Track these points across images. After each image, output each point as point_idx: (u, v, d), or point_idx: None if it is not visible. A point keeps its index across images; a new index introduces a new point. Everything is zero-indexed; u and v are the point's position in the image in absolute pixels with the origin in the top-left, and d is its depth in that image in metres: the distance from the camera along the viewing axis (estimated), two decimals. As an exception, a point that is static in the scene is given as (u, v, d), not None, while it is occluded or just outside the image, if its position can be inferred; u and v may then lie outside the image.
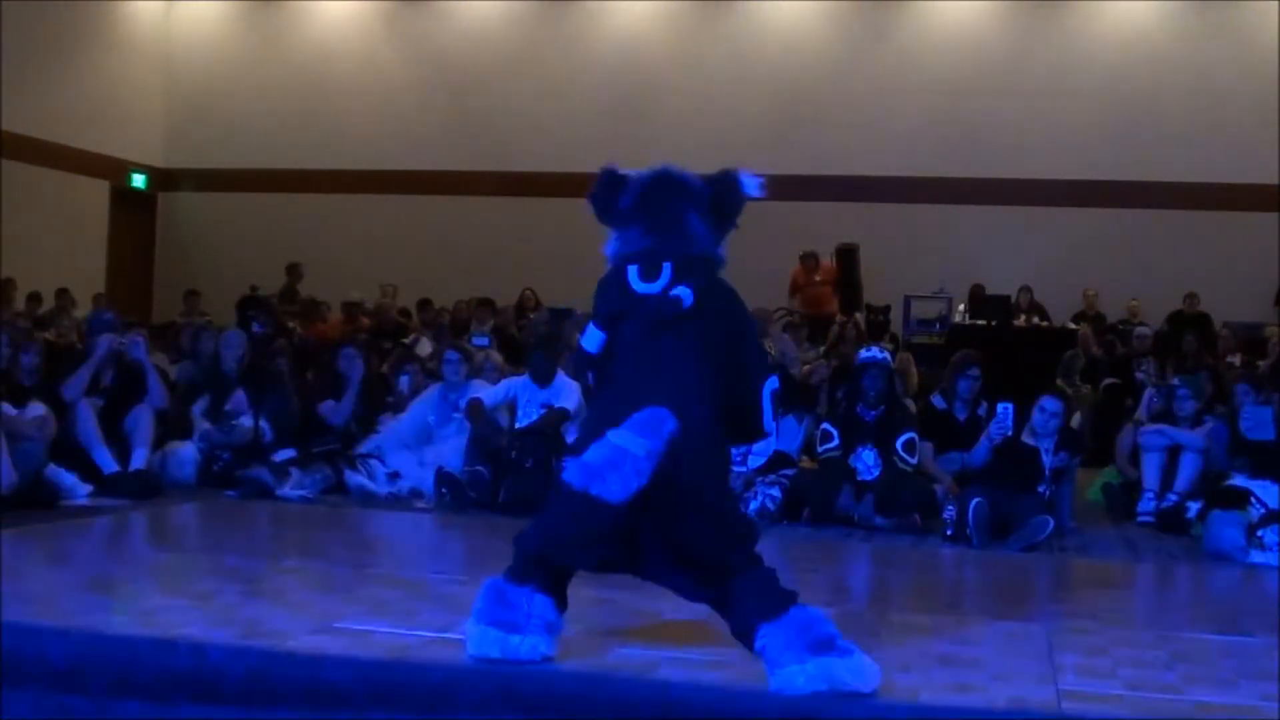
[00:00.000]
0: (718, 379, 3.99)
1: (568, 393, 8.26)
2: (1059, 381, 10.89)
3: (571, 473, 3.71)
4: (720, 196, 4.14)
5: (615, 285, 4.09)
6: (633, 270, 4.04)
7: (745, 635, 3.75)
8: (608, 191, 4.19)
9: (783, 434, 8.01)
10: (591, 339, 4.10)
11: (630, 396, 3.86)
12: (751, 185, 4.14)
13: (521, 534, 4.04)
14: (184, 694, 1.28)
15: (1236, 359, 12.66)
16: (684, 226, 4.07)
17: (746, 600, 3.77)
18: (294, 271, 16.60)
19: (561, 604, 4.00)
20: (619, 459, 3.65)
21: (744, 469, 7.90)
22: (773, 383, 4.07)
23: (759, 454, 7.93)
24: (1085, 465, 8.71)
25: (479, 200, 17.86)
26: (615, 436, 3.70)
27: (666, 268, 4.00)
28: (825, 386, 9.77)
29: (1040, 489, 7.39)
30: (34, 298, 14.85)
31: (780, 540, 7.13)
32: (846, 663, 3.65)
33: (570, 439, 8.11)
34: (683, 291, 3.96)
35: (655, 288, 4.00)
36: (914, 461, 7.72)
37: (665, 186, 4.13)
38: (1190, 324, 14.40)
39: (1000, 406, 7.65)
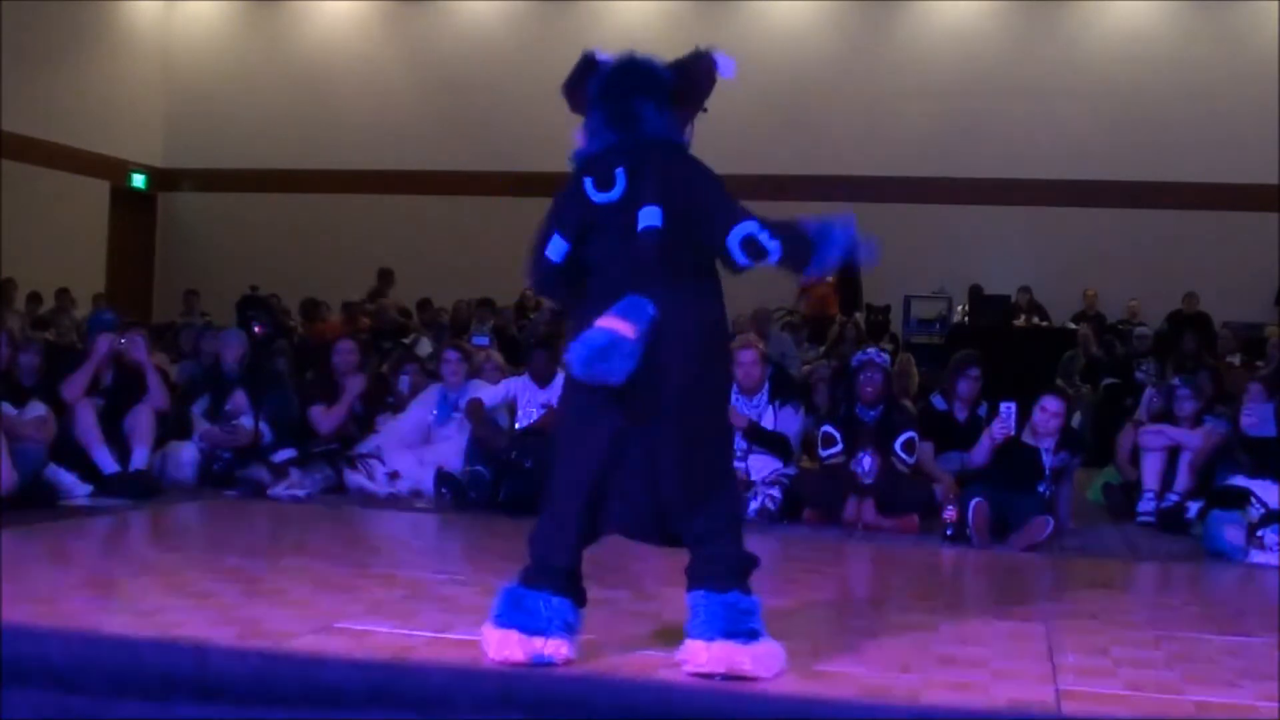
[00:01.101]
0: (695, 256, 3.96)
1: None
2: (1059, 381, 10.90)
3: (572, 359, 3.75)
4: (688, 79, 4.09)
5: (574, 196, 4.04)
6: (588, 181, 4.00)
7: (688, 580, 3.93)
8: (580, 77, 4.15)
9: (782, 422, 8.01)
10: (556, 248, 4.02)
11: (612, 299, 3.85)
12: (726, 66, 4.08)
13: (531, 535, 4.05)
14: (184, 694, 1.28)
15: (1236, 359, 12.66)
16: (639, 116, 4.01)
17: (700, 559, 3.90)
18: (385, 277, 16.20)
19: (579, 601, 4.00)
20: (611, 338, 3.69)
21: (743, 468, 7.90)
22: (745, 227, 3.90)
23: (762, 469, 7.92)
24: (1085, 465, 8.71)
25: (479, 200, 17.87)
26: (602, 321, 3.74)
27: (619, 175, 3.95)
28: (825, 387, 9.76)
29: (1040, 489, 7.39)
30: (34, 298, 14.85)
31: (780, 540, 7.13)
32: (750, 649, 3.78)
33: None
34: (651, 214, 3.88)
35: (613, 196, 3.95)
36: (912, 461, 7.72)
37: (625, 73, 4.07)
38: (1190, 324, 14.40)
39: (1003, 406, 7.65)
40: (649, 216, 3.88)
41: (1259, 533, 6.78)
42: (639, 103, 4.02)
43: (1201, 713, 3.84)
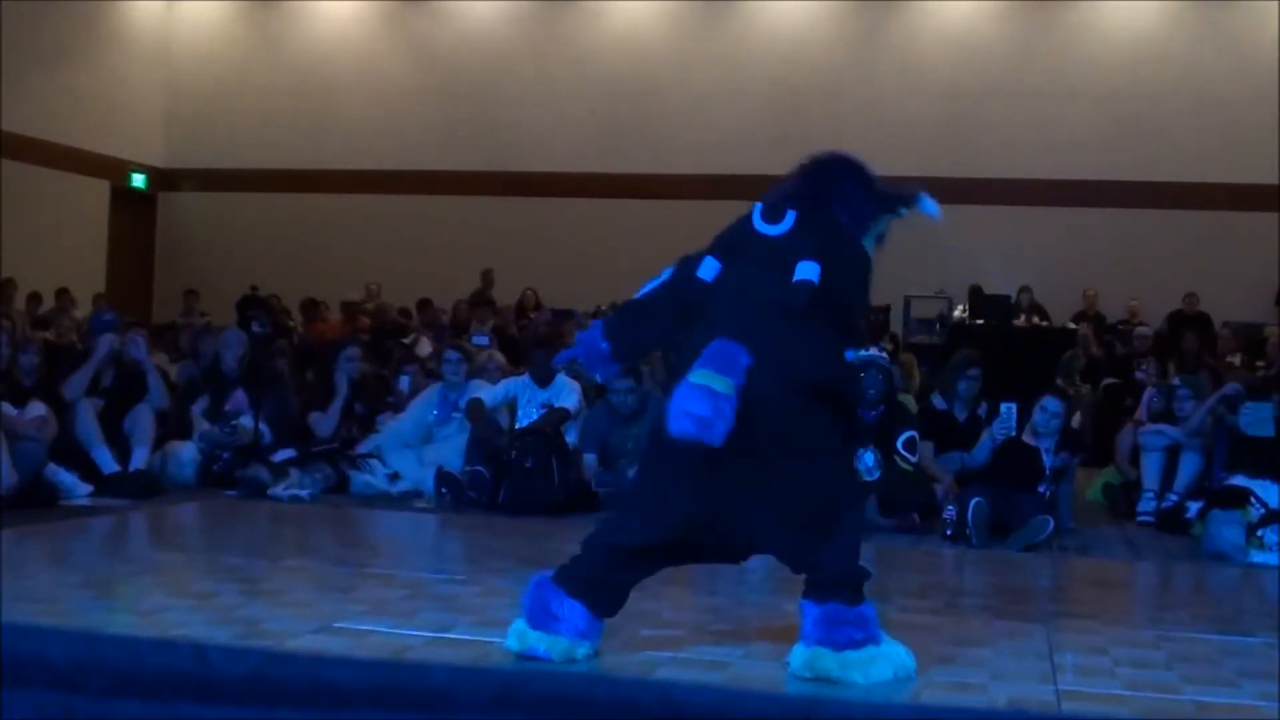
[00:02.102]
0: (822, 332, 3.88)
1: (568, 393, 8.27)
2: (1059, 381, 10.89)
3: (674, 422, 3.61)
4: (888, 193, 4.17)
5: (740, 221, 4.09)
6: (757, 208, 4.04)
7: (805, 594, 3.93)
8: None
9: None
10: (709, 267, 3.98)
11: (717, 330, 3.79)
12: (929, 205, 4.18)
13: (588, 537, 4.06)
14: (184, 694, 1.27)
15: (1237, 359, 12.66)
16: (833, 192, 4.06)
17: (815, 571, 3.91)
18: (487, 277, 16.11)
19: (602, 613, 4.00)
20: (714, 404, 3.57)
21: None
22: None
23: None
24: (1085, 465, 8.71)
25: (479, 200, 17.87)
26: (694, 376, 3.63)
27: (790, 214, 3.98)
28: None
29: (1040, 489, 7.39)
30: (34, 298, 14.85)
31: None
32: (839, 657, 3.81)
33: (570, 439, 8.15)
34: (808, 269, 3.84)
35: (777, 230, 3.96)
36: (914, 460, 7.72)
37: (840, 163, 4.16)
38: (1190, 324, 14.40)
39: (1004, 406, 7.65)
40: (807, 270, 3.84)
41: (1259, 533, 6.78)
42: (841, 180, 4.09)
43: (1201, 713, 3.84)
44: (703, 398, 3.55)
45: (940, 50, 17.18)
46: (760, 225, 4.00)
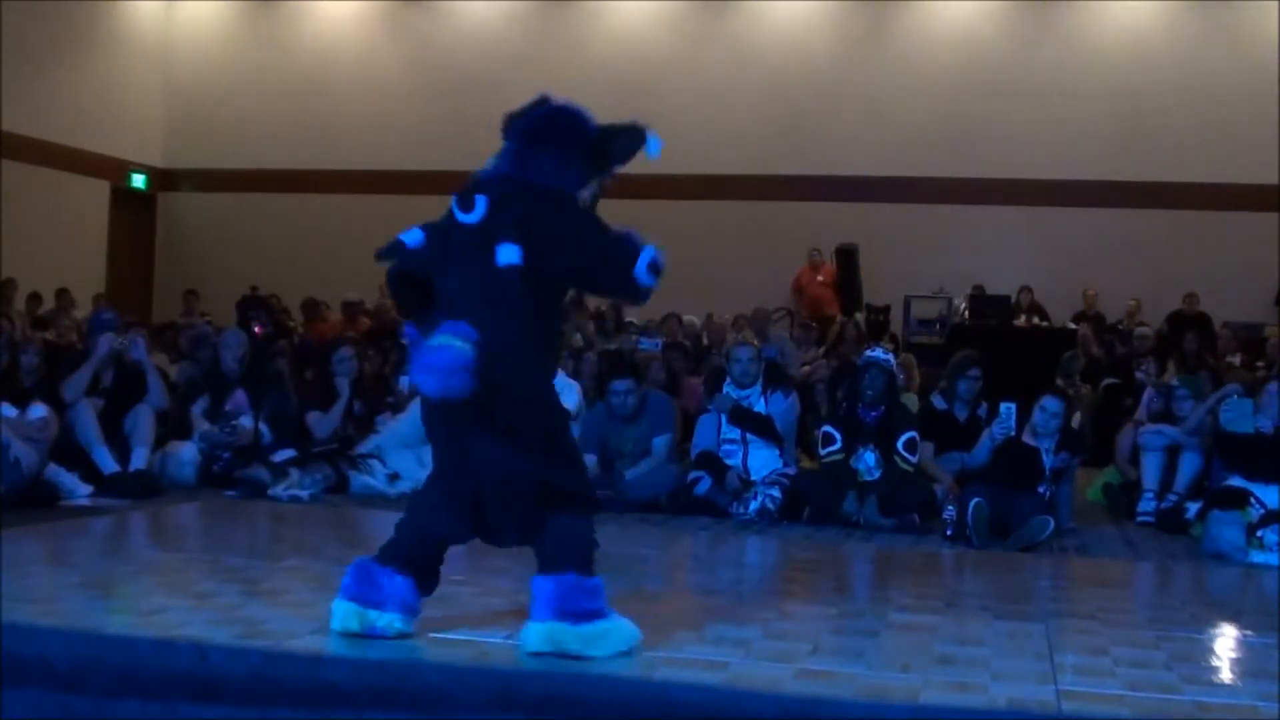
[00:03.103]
0: (547, 295, 4.10)
1: (567, 393, 8.26)
2: (1059, 381, 10.89)
3: (418, 377, 3.93)
4: (609, 146, 4.19)
5: (447, 209, 4.21)
6: (455, 198, 4.16)
7: (538, 571, 4.05)
8: (526, 110, 4.28)
9: (772, 406, 8.01)
10: (412, 234, 4.19)
11: (451, 311, 4.00)
12: (654, 146, 4.16)
13: (401, 521, 4.30)
14: (184, 694, 1.28)
15: (1237, 359, 12.66)
16: (535, 164, 4.13)
17: (543, 547, 4.04)
18: None
19: (423, 588, 4.21)
20: (447, 353, 3.84)
21: (741, 467, 7.90)
22: (648, 253, 4.04)
23: (761, 469, 7.92)
24: (1085, 465, 8.71)
25: (479, 200, 17.85)
26: (432, 340, 3.89)
27: (480, 201, 4.09)
28: (825, 387, 9.76)
29: (1040, 489, 7.39)
30: (34, 298, 14.85)
31: (780, 540, 7.13)
32: (577, 630, 3.93)
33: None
34: (509, 251, 3.99)
35: (472, 218, 4.08)
36: (915, 461, 7.72)
37: (550, 120, 4.21)
38: (1190, 324, 14.40)
39: (1003, 406, 7.65)
40: (508, 254, 4.00)
41: (1259, 533, 6.78)
42: (541, 152, 4.15)
43: (1201, 713, 3.84)
44: (441, 351, 3.83)
45: (940, 50, 17.18)
46: (459, 214, 4.13)
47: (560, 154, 4.15)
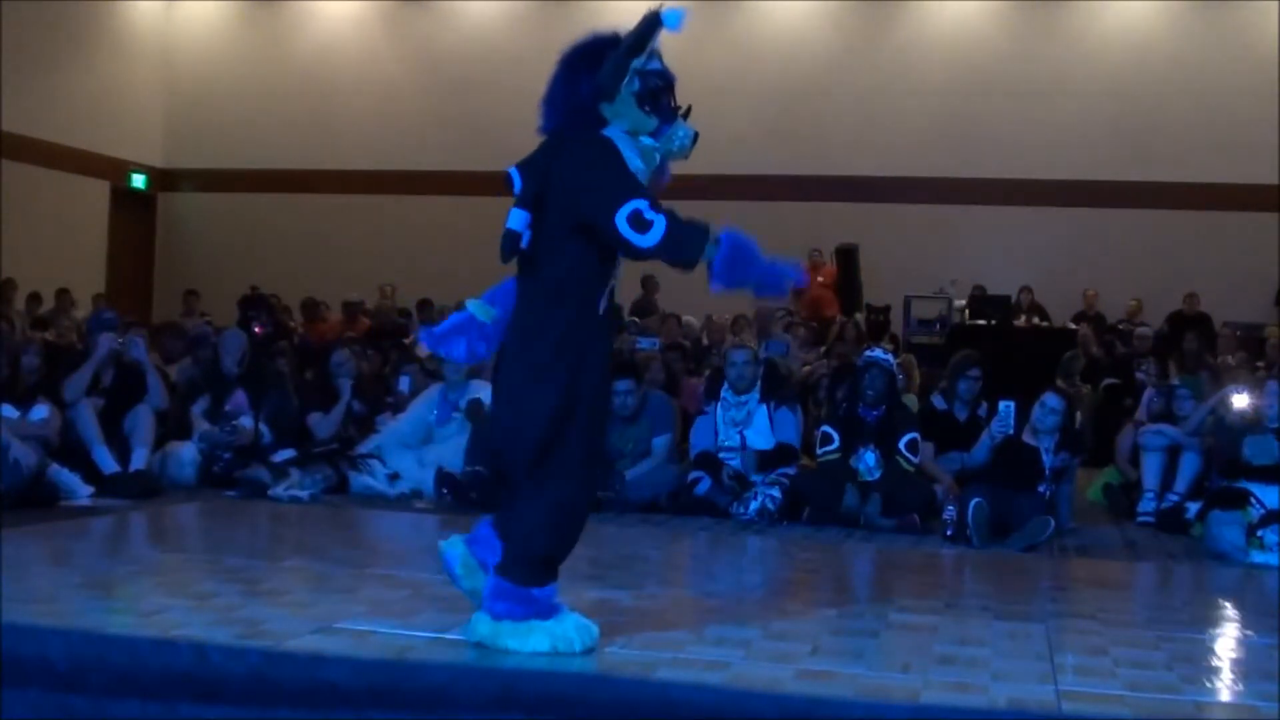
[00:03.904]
0: (563, 244, 3.96)
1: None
2: (1059, 381, 10.90)
3: (424, 337, 4.15)
4: (629, 37, 4.15)
5: None
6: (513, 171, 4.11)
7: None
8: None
9: (779, 426, 8.00)
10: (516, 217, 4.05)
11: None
12: (671, 18, 4.06)
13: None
14: (184, 694, 1.28)
15: (1236, 359, 12.65)
16: (562, 98, 4.14)
17: (506, 535, 4.05)
18: (649, 284, 15.60)
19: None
20: (462, 322, 4.02)
21: (740, 467, 7.90)
22: (630, 206, 3.83)
23: (757, 441, 7.90)
24: (1085, 465, 8.71)
25: (479, 200, 17.83)
26: (470, 304, 4.07)
27: (514, 175, 4.06)
28: (824, 387, 9.75)
29: (1040, 489, 7.39)
30: (34, 298, 14.86)
31: (780, 540, 7.13)
32: (494, 625, 4.00)
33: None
34: (515, 217, 3.93)
35: (516, 191, 4.04)
36: (917, 461, 7.73)
37: (576, 53, 4.28)
38: (1190, 324, 14.39)
39: (1002, 405, 7.65)
40: (512, 219, 3.94)
41: (1259, 533, 6.78)
42: (571, 79, 4.17)
43: (1201, 713, 3.84)
44: (452, 319, 4.05)
45: (940, 50, 17.19)
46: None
47: (588, 74, 4.14)
